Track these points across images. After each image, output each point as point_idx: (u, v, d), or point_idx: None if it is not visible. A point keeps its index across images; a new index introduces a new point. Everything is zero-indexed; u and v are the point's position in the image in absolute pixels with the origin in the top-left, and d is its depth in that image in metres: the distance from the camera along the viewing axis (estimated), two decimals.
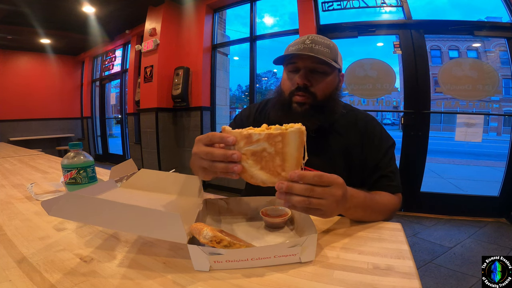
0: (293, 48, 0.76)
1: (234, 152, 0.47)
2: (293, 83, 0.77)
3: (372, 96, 2.84)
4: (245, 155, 0.48)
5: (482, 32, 2.59)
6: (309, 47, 0.74)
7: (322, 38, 0.77)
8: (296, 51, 0.75)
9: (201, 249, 0.43)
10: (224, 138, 0.48)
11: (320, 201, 0.48)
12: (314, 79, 0.76)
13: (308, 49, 0.74)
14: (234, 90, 25.84)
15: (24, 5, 3.55)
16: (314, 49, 0.73)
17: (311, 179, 0.47)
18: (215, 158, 0.49)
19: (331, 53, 0.75)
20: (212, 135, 0.50)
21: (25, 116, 5.74)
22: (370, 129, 0.83)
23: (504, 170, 2.59)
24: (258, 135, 0.46)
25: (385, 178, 0.77)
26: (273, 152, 0.46)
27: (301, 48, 0.75)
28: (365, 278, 0.42)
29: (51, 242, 0.55)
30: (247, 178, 0.50)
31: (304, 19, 2.99)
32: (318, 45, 0.74)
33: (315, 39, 0.76)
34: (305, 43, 0.75)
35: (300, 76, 0.75)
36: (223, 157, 0.48)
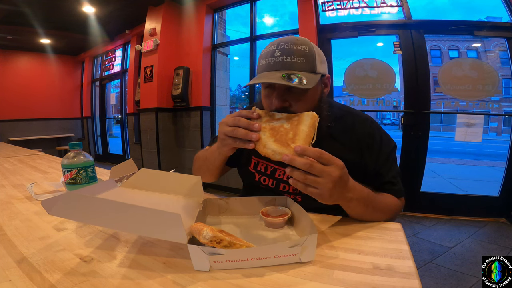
0: (264, 62, 0.66)
1: (256, 123, 0.59)
2: (271, 103, 0.68)
3: (372, 96, 2.84)
4: (264, 128, 0.59)
5: (482, 32, 2.59)
6: (280, 60, 0.63)
7: (294, 43, 0.64)
8: (266, 67, 0.65)
9: (201, 249, 0.43)
10: (250, 112, 0.61)
11: (316, 178, 0.51)
12: (292, 98, 0.67)
13: (279, 64, 0.63)
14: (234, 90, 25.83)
15: (24, 5, 3.55)
16: (285, 63, 0.63)
17: (311, 153, 0.51)
18: (240, 124, 0.59)
19: (307, 63, 0.64)
20: (241, 111, 0.62)
21: (25, 116, 5.74)
22: (369, 134, 0.78)
23: (504, 170, 2.59)
24: (280, 115, 0.60)
25: (388, 183, 0.75)
26: (288, 128, 0.57)
27: (271, 64, 0.64)
28: (365, 278, 0.42)
29: (51, 242, 0.55)
30: (260, 148, 0.57)
31: (304, 19, 2.99)
32: (290, 56, 0.63)
33: (287, 48, 0.63)
34: (275, 56, 0.64)
35: (276, 98, 0.67)
36: (246, 125, 0.59)
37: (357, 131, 0.78)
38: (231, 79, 4.49)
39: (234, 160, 0.89)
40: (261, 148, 0.57)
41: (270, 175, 0.82)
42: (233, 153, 0.78)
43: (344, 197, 0.58)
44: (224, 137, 0.62)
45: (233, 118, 0.60)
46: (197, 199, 0.68)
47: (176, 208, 0.61)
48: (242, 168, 0.90)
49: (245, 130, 0.58)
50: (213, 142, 0.91)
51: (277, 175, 0.81)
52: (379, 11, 2.85)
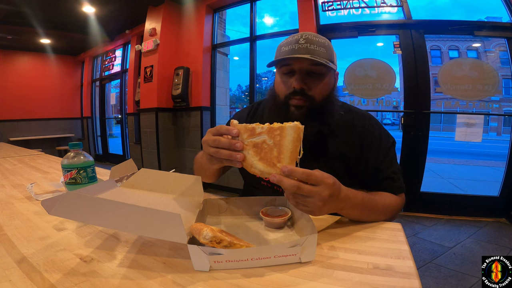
0: (286, 48, 0.71)
1: (237, 142, 0.54)
2: (289, 86, 0.73)
3: (372, 96, 2.84)
4: (247, 146, 0.54)
5: (482, 32, 2.59)
6: (304, 47, 0.69)
7: (316, 36, 0.71)
8: (290, 51, 0.70)
9: (201, 249, 0.43)
10: (230, 130, 0.55)
11: (305, 199, 0.51)
12: (311, 82, 0.72)
13: (304, 50, 0.69)
14: (234, 90, 25.84)
15: (24, 5, 3.55)
16: (309, 49, 0.69)
17: (299, 175, 0.50)
18: (221, 146, 0.55)
19: (327, 53, 0.71)
20: (220, 127, 0.57)
21: (25, 116, 5.74)
22: (368, 130, 0.80)
23: (504, 170, 2.59)
24: (260, 128, 0.53)
25: (388, 179, 0.75)
26: (271, 144, 0.52)
27: (295, 49, 0.70)
28: (365, 278, 0.42)
29: (51, 242, 0.55)
30: (248, 167, 0.55)
31: (304, 19, 2.99)
32: (314, 44, 0.69)
33: (310, 38, 0.70)
34: (299, 43, 0.70)
35: (296, 80, 0.71)
36: (228, 145, 0.54)
37: (357, 128, 0.80)
38: (231, 79, 4.49)
39: None
40: (249, 168, 0.54)
41: None
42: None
43: (336, 208, 0.58)
44: (209, 157, 0.59)
45: (213, 139, 0.56)
46: (197, 199, 0.68)
47: (176, 208, 0.61)
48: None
49: (228, 151, 0.54)
50: None
51: None
52: (379, 11, 2.85)
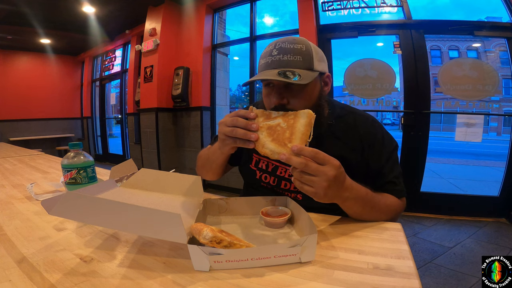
0: (262, 62, 0.69)
1: (253, 123, 0.59)
2: (271, 100, 0.70)
3: (372, 96, 2.84)
4: (262, 128, 0.59)
5: (482, 32, 2.59)
6: (277, 59, 0.66)
7: (292, 42, 0.67)
8: (265, 66, 0.68)
9: (201, 249, 0.43)
10: (248, 112, 0.61)
11: (311, 177, 0.53)
12: (290, 95, 0.68)
13: (276, 63, 0.66)
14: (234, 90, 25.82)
15: (24, 5, 3.55)
16: (282, 61, 0.65)
17: (307, 153, 0.52)
18: (238, 125, 0.60)
19: (303, 61, 0.66)
20: (238, 110, 0.63)
21: (25, 116, 5.74)
22: (371, 132, 0.78)
23: (504, 170, 2.58)
24: (276, 113, 0.61)
25: (390, 183, 0.74)
26: (285, 127, 0.57)
27: (268, 63, 0.67)
28: (365, 278, 0.42)
29: (51, 242, 0.55)
30: (259, 147, 0.58)
31: (304, 19, 2.99)
32: (287, 54, 0.66)
33: (283, 47, 0.66)
34: (272, 55, 0.67)
35: (274, 96, 0.69)
36: (244, 125, 0.59)
37: (359, 130, 0.79)
38: (231, 79, 4.50)
39: (236, 158, 0.90)
40: (260, 148, 0.58)
41: (271, 173, 0.82)
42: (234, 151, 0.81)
43: (339, 196, 0.58)
44: (224, 137, 0.62)
45: (231, 118, 0.61)
46: (197, 199, 0.68)
47: (176, 208, 0.61)
48: (243, 166, 0.90)
49: (244, 130, 0.59)
50: (215, 141, 0.91)
51: (279, 173, 0.81)
52: (379, 11, 2.85)
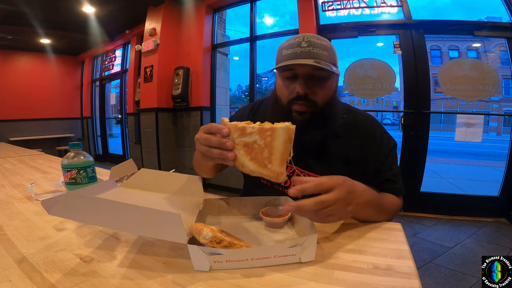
0: (288, 52, 0.69)
1: (227, 141, 0.53)
2: (291, 91, 0.71)
3: (372, 96, 2.84)
4: (238, 145, 0.53)
5: (482, 32, 2.59)
6: (307, 51, 0.67)
7: (318, 38, 0.70)
8: (293, 56, 0.68)
9: (201, 249, 0.43)
10: (220, 129, 0.54)
11: (329, 208, 0.51)
12: (314, 86, 0.70)
13: (306, 54, 0.67)
14: (234, 90, 25.85)
15: (24, 5, 3.55)
16: (312, 53, 0.67)
17: (311, 190, 0.50)
18: (212, 144, 0.55)
19: (329, 56, 0.69)
20: (211, 126, 0.56)
21: (25, 116, 5.74)
22: (370, 131, 0.79)
23: (504, 170, 2.59)
24: (251, 128, 0.51)
25: (388, 181, 0.75)
26: (262, 145, 0.50)
27: (297, 53, 0.68)
28: (365, 278, 0.42)
29: (51, 242, 0.55)
30: (239, 166, 0.54)
31: (304, 19, 2.99)
32: (317, 48, 0.67)
33: (312, 41, 0.68)
34: (302, 46, 0.68)
35: (300, 85, 0.69)
36: (218, 144, 0.54)
37: (359, 129, 0.80)
38: (231, 79, 4.50)
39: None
40: (240, 167, 0.54)
41: None
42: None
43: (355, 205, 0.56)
44: (202, 155, 0.58)
45: (204, 137, 0.56)
46: (197, 199, 0.68)
47: (176, 208, 0.61)
48: None
49: (219, 150, 0.54)
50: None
51: None
52: (379, 11, 2.85)
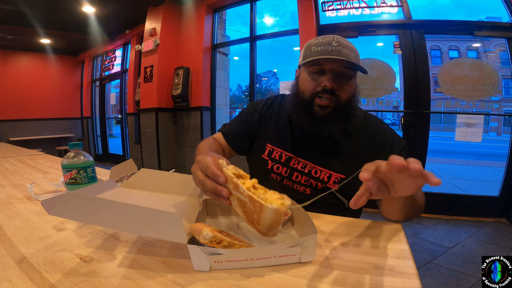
0: (318, 49, 0.73)
1: (223, 189, 0.50)
2: (318, 84, 0.74)
3: (372, 96, 2.84)
4: (232, 196, 0.50)
5: (482, 32, 2.59)
6: (337, 50, 0.72)
7: (346, 41, 0.75)
8: (324, 52, 0.72)
9: (201, 249, 0.43)
10: (216, 176, 0.50)
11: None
12: (340, 83, 0.74)
13: (336, 52, 0.71)
14: (234, 90, 25.85)
15: (24, 5, 3.55)
16: (342, 52, 0.71)
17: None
18: (207, 189, 0.52)
19: (356, 57, 0.74)
20: (207, 167, 0.51)
21: (25, 116, 5.74)
22: (381, 133, 0.81)
23: (504, 170, 2.59)
24: (243, 189, 0.47)
25: None
26: (252, 209, 0.48)
27: (328, 50, 0.72)
28: (365, 278, 0.42)
29: (51, 242, 0.55)
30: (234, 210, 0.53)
31: (304, 19, 2.99)
32: (345, 48, 0.72)
33: (342, 41, 0.73)
34: (332, 45, 0.72)
35: (328, 79, 0.73)
36: (213, 190, 0.51)
37: (371, 130, 0.82)
38: (231, 79, 4.49)
39: (244, 147, 0.92)
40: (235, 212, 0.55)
41: (284, 163, 0.84)
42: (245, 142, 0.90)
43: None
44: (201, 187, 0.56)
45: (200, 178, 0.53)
46: (197, 199, 0.68)
47: (176, 208, 0.61)
48: (254, 156, 0.90)
49: (215, 195, 0.52)
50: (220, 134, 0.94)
51: (292, 164, 0.83)
52: (379, 11, 2.85)
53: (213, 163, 0.51)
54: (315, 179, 0.81)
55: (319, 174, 0.81)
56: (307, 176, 0.82)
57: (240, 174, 0.50)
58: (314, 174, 0.81)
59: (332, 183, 0.80)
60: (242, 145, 0.91)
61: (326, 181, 0.80)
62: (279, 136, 0.86)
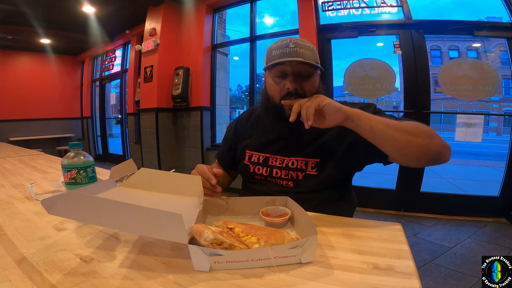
0: (278, 52, 0.77)
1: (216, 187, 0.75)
2: (282, 88, 0.78)
3: (372, 96, 2.84)
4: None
5: (482, 32, 2.59)
6: (294, 51, 0.75)
7: (303, 41, 0.77)
8: (283, 55, 0.75)
9: (201, 249, 0.43)
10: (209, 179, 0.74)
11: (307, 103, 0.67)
12: (302, 83, 0.77)
13: (294, 53, 0.74)
14: (234, 90, 25.82)
15: (24, 5, 3.55)
16: (299, 53, 0.74)
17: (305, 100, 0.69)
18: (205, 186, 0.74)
19: (313, 56, 0.77)
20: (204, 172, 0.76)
21: (25, 116, 5.74)
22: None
23: (504, 170, 2.58)
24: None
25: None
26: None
27: (286, 52, 0.75)
28: (365, 278, 0.42)
29: (51, 242, 0.55)
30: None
31: (304, 19, 2.99)
32: (302, 48, 0.75)
33: (298, 42, 0.76)
34: (290, 47, 0.75)
35: (290, 81, 0.76)
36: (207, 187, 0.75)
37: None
38: (231, 79, 4.49)
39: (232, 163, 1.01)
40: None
41: (263, 164, 0.88)
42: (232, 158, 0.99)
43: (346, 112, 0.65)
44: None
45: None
46: (197, 199, 0.68)
47: (176, 208, 0.61)
48: (239, 164, 0.96)
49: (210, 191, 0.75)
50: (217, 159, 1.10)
51: (270, 163, 0.87)
52: (379, 11, 2.85)
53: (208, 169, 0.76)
54: (294, 170, 0.84)
55: (296, 164, 0.84)
56: (285, 170, 0.85)
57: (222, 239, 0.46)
58: (291, 165, 0.84)
59: (310, 169, 0.83)
60: (230, 161, 1.02)
61: (304, 168, 0.83)
62: (254, 140, 0.93)
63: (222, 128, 4.04)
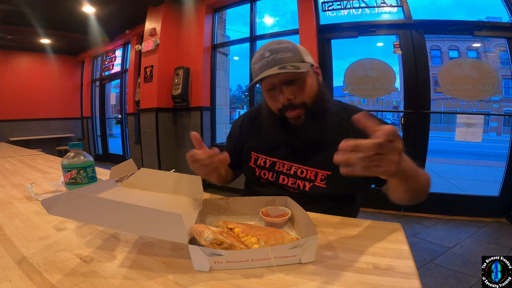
0: (258, 66, 0.72)
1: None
2: (277, 102, 0.74)
3: (372, 96, 2.84)
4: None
5: (482, 32, 2.59)
6: (271, 60, 0.70)
7: (279, 43, 0.72)
8: (261, 69, 0.71)
9: (201, 249, 0.43)
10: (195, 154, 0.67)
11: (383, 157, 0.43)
12: (294, 90, 0.72)
13: (272, 63, 0.69)
14: (234, 90, 25.81)
15: (24, 5, 3.55)
16: (277, 60, 0.69)
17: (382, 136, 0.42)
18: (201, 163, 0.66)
19: (294, 56, 0.71)
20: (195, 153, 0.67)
21: (25, 116, 5.74)
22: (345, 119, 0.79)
23: (504, 170, 2.58)
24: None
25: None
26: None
27: (264, 64, 0.70)
28: (365, 278, 0.42)
29: (51, 242, 0.55)
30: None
31: (304, 19, 2.99)
32: (280, 53, 0.70)
33: (273, 48, 0.71)
34: (265, 57, 0.71)
35: (281, 94, 0.72)
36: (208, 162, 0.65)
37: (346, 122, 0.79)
38: (231, 79, 4.49)
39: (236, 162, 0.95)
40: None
41: (269, 169, 0.84)
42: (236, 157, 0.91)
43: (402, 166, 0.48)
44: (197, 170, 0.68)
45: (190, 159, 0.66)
46: (197, 199, 0.68)
47: (176, 208, 0.61)
48: (244, 165, 0.92)
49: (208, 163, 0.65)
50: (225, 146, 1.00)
51: (277, 168, 0.83)
52: (379, 11, 2.85)
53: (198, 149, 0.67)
54: (302, 179, 0.80)
55: (305, 173, 0.80)
56: (293, 178, 0.81)
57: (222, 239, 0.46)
58: (300, 174, 0.80)
59: (319, 181, 0.78)
60: (235, 161, 0.93)
61: (313, 179, 0.78)
62: (261, 143, 0.87)
63: (222, 128, 4.04)
